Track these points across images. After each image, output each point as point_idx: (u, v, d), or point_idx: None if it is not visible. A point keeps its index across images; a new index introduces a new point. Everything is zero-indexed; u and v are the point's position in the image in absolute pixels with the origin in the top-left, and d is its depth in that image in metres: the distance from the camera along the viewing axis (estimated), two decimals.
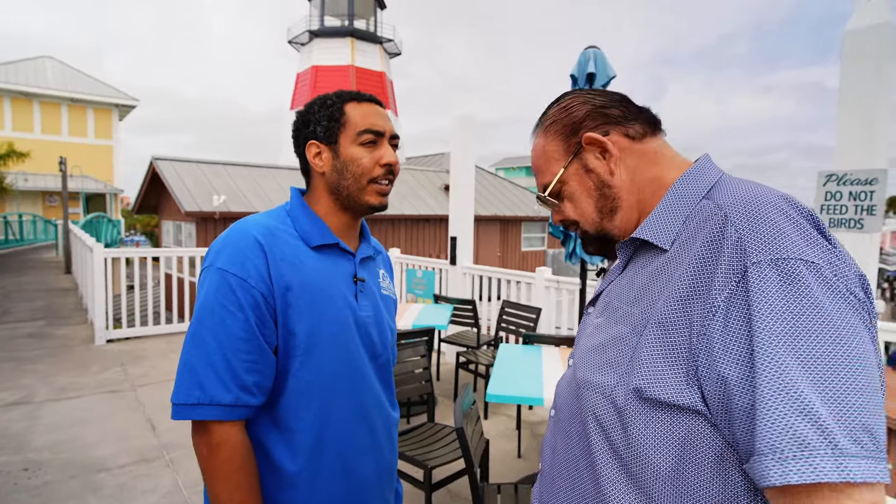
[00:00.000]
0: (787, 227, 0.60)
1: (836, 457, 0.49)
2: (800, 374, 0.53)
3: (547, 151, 0.84)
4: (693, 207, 0.71)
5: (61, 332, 6.16)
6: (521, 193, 20.85)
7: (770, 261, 0.58)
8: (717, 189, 0.71)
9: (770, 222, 0.60)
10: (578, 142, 0.80)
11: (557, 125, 0.83)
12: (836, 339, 0.54)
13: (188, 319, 6.06)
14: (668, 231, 0.71)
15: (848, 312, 0.55)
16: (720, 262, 0.61)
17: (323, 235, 1.05)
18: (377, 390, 1.10)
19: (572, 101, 0.83)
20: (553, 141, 0.83)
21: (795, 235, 0.59)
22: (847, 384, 0.52)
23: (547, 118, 0.85)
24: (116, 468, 2.95)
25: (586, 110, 0.81)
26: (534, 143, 0.88)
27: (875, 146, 2.68)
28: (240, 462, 0.93)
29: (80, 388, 4.20)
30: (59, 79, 24.62)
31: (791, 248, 0.58)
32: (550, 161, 0.83)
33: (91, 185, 24.02)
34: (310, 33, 26.01)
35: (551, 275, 4.60)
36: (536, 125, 0.88)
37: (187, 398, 0.90)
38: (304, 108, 1.10)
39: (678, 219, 0.72)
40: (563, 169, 0.82)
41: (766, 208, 0.62)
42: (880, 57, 2.64)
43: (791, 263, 0.57)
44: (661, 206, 0.74)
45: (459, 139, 5.46)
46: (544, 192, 0.85)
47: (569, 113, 0.82)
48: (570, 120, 0.81)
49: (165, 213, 16.55)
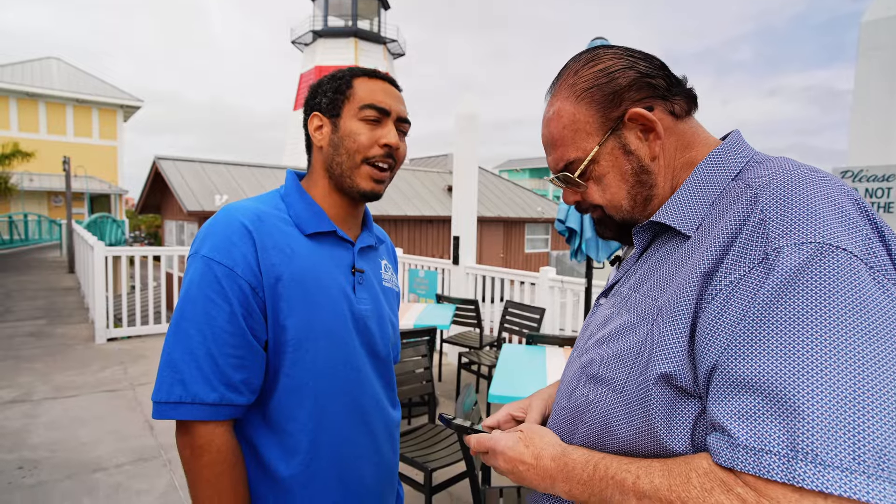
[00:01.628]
0: (824, 208, 0.52)
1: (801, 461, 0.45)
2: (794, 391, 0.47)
3: (577, 121, 0.70)
4: (721, 189, 0.63)
5: (62, 330, 6.13)
6: (524, 195, 20.78)
7: (794, 244, 0.51)
8: (750, 168, 0.63)
9: (803, 203, 0.53)
10: (620, 116, 0.67)
11: (595, 92, 0.69)
12: (858, 349, 0.46)
13: None
14: (692, 215, 0.64)
15: (884, 307, 0.48)
16: (735, 244, 0.55)
17: (319, 222, 0.97)
18: (376, 389, 1.03)
19: (613, 62, 0.69)
20: (587, 110, 0.69)
21: (831, 218, 0.52)
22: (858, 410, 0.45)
23: (581, 79, 0.70)
24: (113, 468, 2.90)
25: (631, 78, 0.68)
26: (555, 106, 0.72)
27: (892, 141, 2.61)
28: (225, 465, 0.86)
29: (79, 387, 4.16)
30: (64, 79, 24.73)
31: (822, 231, 0.51)
32: (580, 133, 0.70)
33: (95, 185, 24.10)
34: (313, 33, 26.08)
35: (555, 275, 4.53)
36: (558, 83, 0.73)
37: (168, 396, 0.83)
38: (317, 81, 1.03)
39: (704, 202, 0.64)
40: (597, 147, 0.69)
41: (803, 187, 0.55)
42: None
43: (818, 249, 0.50)
44: (686, 187, 0.66)
45: (462, 138, 5.41)
46: (571, 171, 0.72)
47: (611, 79, 0.68)
48: (611, 88, 0.68)
49: (168, 212, 16.56)
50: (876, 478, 0.43)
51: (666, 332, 0.58)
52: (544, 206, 20.44)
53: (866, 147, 2.73)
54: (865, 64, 2.69)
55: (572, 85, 0.71)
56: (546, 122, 0.75)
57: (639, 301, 0.65)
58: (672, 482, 0.52)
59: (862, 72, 2.71)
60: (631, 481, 0.56)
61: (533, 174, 42.44)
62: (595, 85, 0.69)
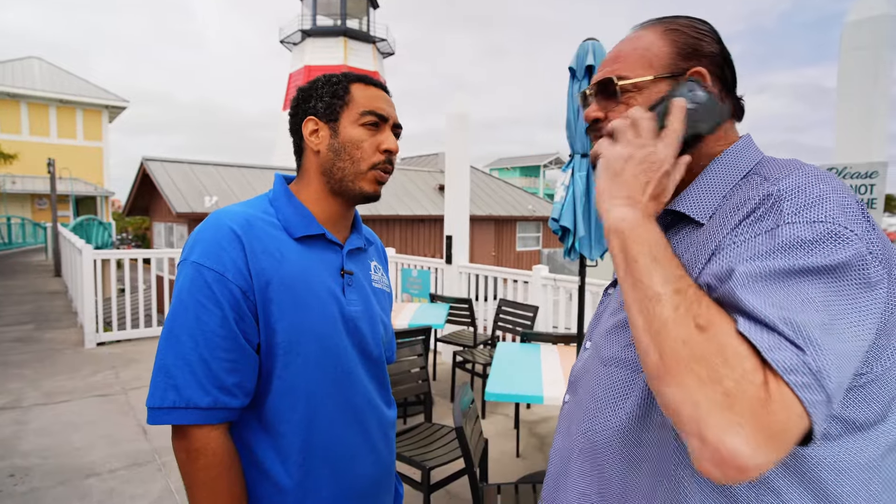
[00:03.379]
0: (835, 199, 0.56)
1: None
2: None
3: (650, 49, 0.72)
4: (735, 183, 0.67)
5: (50, 335, 6.05)
6: (515, 193, 20.85)
7: (806, 221, 0.55)
8: (764, 165, 0.67)
9: (817, 192, 0.57)
10: (687, 68, 0.70)
11: (681, 36, 0.72)
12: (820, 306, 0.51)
13: None
14: (706, 205, 0.67)
15: (861, 291, 0.53)
16: (748, 219, 0.59)
17: (307, 226, 0.98)
18: (369, 389, 1.04)
19: (707, 30, 0.73)
20: (665, 45, 0.72)
21: (840, 208, 0.56)
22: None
23: (675, 23, 0.73)
24: (106, 473, 2.88)
25: (714, 51, 0.72)
26: (638, 32, 0.75)
27: (874, 139, 2.66)
28: (221, 468, 0.87)
29: (70, 392, 4.12)
30: (47, 80, 24.35)
31: (834, 216, 0.55)
32: (645, 59, 0.72)
33: (81, 187, 23.78)
34: (302, 33, 25.94)
35: (548, 273, 4.56)
36: (653, 21, 0.76)
37: (162, 401, 0.84)
38: (308, 84, 1.03)
39: (719, 193, 0.67)
40: (652, 77, 0.70)
41: (817, 180, 0.59)
42: (879, 49, 2.63)
43: (830, 228, 0.54)
44: (701, 179, 0.70)
45: (453, 138, 5.42)
46: (614, 83, 0.72)
47: (699, 36, 0.72)
48: (695, 44, 0.71)
49: (157, 214, 16.41)
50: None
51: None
52: (535, 205, 20.53)
53: (850, 144, 2.78)
54: (848, 63, 2.75)
55: (665, 23, 0.74)
56: (621, 41, 0.77)
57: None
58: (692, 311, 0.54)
59: (845, 71, 2.77)
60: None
61: (523, 172, 42.56)
62: (684, 31, 0.72)
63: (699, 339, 0.50)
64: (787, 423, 0.47)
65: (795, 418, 0.48)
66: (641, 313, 0.55)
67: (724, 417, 0.47)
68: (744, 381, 0.48)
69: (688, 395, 0.49)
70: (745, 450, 0.47)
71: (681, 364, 0.50)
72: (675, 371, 0.51)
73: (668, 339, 0.52)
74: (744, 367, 0.49)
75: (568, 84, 2.56)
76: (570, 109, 2.54)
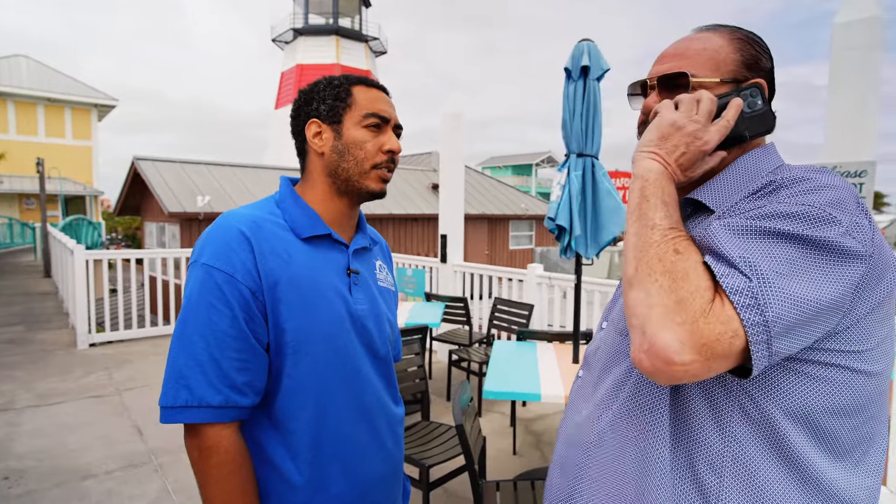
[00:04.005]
0: (830, 192, 0.61)
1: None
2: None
3: (719, 53, 0.76)
4: (756, 182, 0.72)
5: (41, 336, 6.00)
6: (508, 192, 20.89)
7: (795, 203, 0.61)
8: (783, 168, 0.72)
9: (816, 184, 0.63)
10: (748, 77, 0.76)
11: (749, 47, 0.77)
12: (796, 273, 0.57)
13: (174, 321, 5.95)
14: (726, 197, 0.73)
15: (835, 266, 0.58)
16: (745, 200, 0.67)
17: (314, 226, 1.00)
18: (377, 387, 1.06)
19: (766, 48, 0.79)
20: (734, 52, 0.77)
21: (833, 199, 0.60)
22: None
23: (743, 33, 0.78)
24: (103, 474, 2.87)
25: (769, 68, 0.78)
26: (707, 35, 0.79)
27: (864, 138, 2.71)
28: (233, 465, 0.89)
29: (63, 394, 4.09)
30: (34, 78, 24.03)
31: (823, 204, 0.60)
32: (712, 62, 0.76)
33: (70, 186, 23.51)
34: (294, 31, 25.80)
35: (543, 271, 4.59)
36: (717, 26, 0.80)
37: (175, 401, 0.86)
38: (309, 87, 1.05)
39: (737, 188, 0.73)
40: (717, 80, 0.76)
41: (821, 176, 0.64)
42: (868, 50, 2.68)
43: (815, 211, 0.59)
44: (725, 174, 0.75)
45: (448, 137, 5.43)
46: (679, 81, 0.77)
47: (760, 52, 0.77)
48: (757, 56, 0.77)
49: (148, 214, 16.26)
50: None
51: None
52: (528, 203, 20.58)
53: (840, 143, 2.83)
54: (838, 64, 2.79)
55: (733, 31, 0.79)
56: (688, 38, 0.80)
57: None
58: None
59: (835, 71, 2.81)
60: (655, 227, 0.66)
61: (516, 171, 42.63)
62: (752, 43, 0.78)
63: (672, 259, 0.60)
64: (721, 336, 0.55)
65: (731, 333, 0.55)
66: (637, 235, 0.66)
67: (667, 318, 0.56)
68: (695, 293, 0.57)
69: (647, 298, 0.59)
70: (675, 345, 0.55)
71: (652, 274, 0.60)
72: (644, 278, 0.61)
73: (648, 253, 0.62)
74: (698, 284, 0.58)
75: (564, 84, 2.57)
76: (566, 109, 2.56)
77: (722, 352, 0.55)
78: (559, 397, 2.30)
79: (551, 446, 3.43)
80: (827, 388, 0.61)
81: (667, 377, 0.57)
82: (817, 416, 0.62)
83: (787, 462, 0.62)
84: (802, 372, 0.61)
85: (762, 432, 0.63)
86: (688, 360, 0.55)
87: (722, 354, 0.55)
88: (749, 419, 0.63)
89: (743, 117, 0.73)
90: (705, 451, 0.65)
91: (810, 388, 0.61)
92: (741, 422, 0.63)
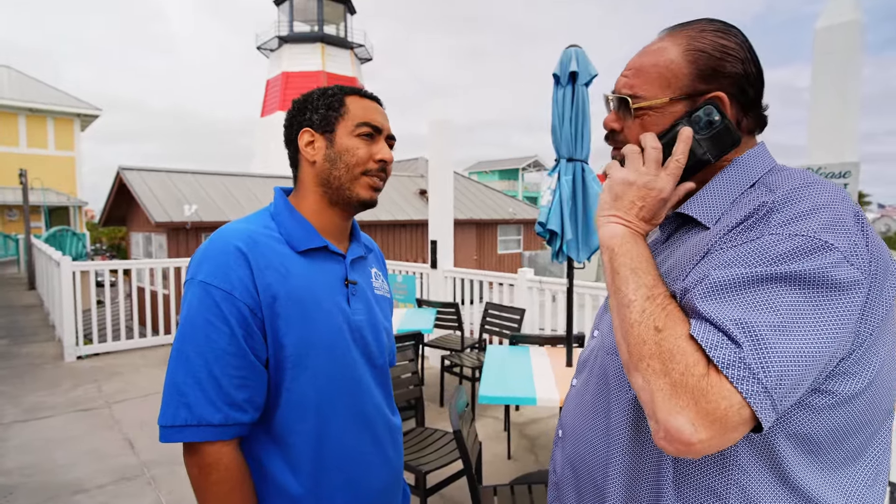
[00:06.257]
0: (826, 213, 0.59)
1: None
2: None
3: (670, 68, 0.72)
4: (743, 190, 0.70)
5: (27, 350, 5.89)
6: (495, 197, 20.96)
7: (787, 234, 0.58)
8: (772, 174, 0.70)
9: (810, 204, 0.60)
10: (705, 91, 0.70)
11: (703, 58, 0.71)
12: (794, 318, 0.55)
13: (163, 332, 5.88)
14: (713, 209, 0.71)
15: (835, 303, 0.56)
16: (739, 226, 0.64)
17: (310, 239, 1.00)
18: (377, 396, 1.06)
19: (735, 48, 0.71)
20: (685, 66, 0.71)
21: (829, 220, 0.58)
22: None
23: (701, 39, 0.72)
24: (94, 489, 2.83)
25: (737, 71, 0.70)
26: (664, 44, 0.74)
27: (847, 140, 2.77)
28: (233, 483, 0.88)
29: (51, 408, 4.02)
30: (15, 88, 23.69)
31: (816, 229, 0.58)
32: (663, 79, 0.72)
33: (53, 197, 23.15)
34: (279, 39, 25.70)
35: (533, 275, 4.61)
36: (682, 28, 0.75)
37: (174, 420, 0.85)
38: (302, 97, 1.06)
39: (726, 199, 0.71)
40: (667, 99, 0.72)
41: (814, 192, 0.62)
42: (849, 53, 2.74)
43: (810, 240, 0.57)
44: (711, 185, 0.73)
45: (436, 144, 5.46)
46: (630, 101, 0.74)
47: (723, 57, 0.70)
48: (717, 64, 0.70)
49: (134, 224, 16.06)
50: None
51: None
52: (515, 208, 20.66)
53: (823, 146, 2.89)
54: (820, 67, 2.86)
55: (691, 38, 0.73)
56: (645, 50, 0.76)
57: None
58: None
59: (817, 75, 2.88)
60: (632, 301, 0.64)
61: (502, 176, 42.79)
62: (708, 52, 0.71)
63: (655, 339, 0.59)
64: (728, 410, 0.54)
65: (736, 405, 0.54)
66: (618, 315, 0.65)
67: (670, 403, 0.56)
68: (686, 374, 0.56)
69: (646, 384, 0.58)
70: (688, 428, 0.54)
71: (642, 359, 0.59)
72: (637, 364, 0.60)
73: (632, 336, 0.61)
74: (686, 362, 0.56)
75: (553, 90, 2.61)
76: (555, 115, 2.59)
77: (735, 423, 0.54)
78: (554, 401, 2.32)
79: (546, 450, 3.44)
80: (828, 413, 0.61)
81: (693, 455, 0.56)
82: (817, 436, 0.62)
83: (786, 482, 0.62)
84: (805, 401, 0.61)
85: (764, 456, 0.62)
86: (706, 438, 0.54)
87: (736, 424, 0.54)
88: (752, 443, 0.63)
89: (699, 143, 0.69)
90: (708, 477, 0.65)
91: (813, 413, 0.61)
92: (744, 446, 0.63)
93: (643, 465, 0.70)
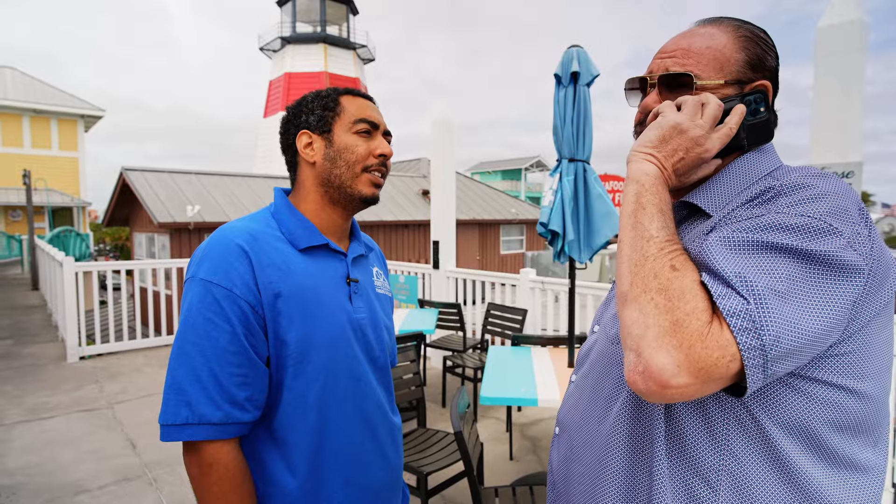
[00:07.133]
0: (830, 199, 0.59)
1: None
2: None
3: (723, 52, 0.73)
4: (750, 183, 0.70)
5: (30, 350, 5.91)
6: (498, 197, 20.95)
7: (794, 214, 0.59)
8: (781, 170, 0.70)
9: (815, 191, 0.60)
10: (751, 79, 0.73)
11: (754, 46, 0.73)
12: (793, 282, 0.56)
13: (165, 333, 5.90)
14: (721, 200, 0.71)
15: (832, 282, 0.56)
16: (744, 206, 0.64)
17: (311, 237, 1.00)
18: (378, 395, 1.06)
19: (772, 44, 0.75)
20: (738, 51, 0.73)
21: (833, 207, 0.59)
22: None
23: (749, 30, 0.74)
24: (96, 489, 2.83)
25: (773, 67, 0.74)
26: (712, 30, 0.75)
27: (850, 140, 2.76)
28: (233, 482, 0.88)
29: (54, 408, 4.03)
30: (19, 89, 23.79)
31: (822, 214, 0.58)
32: (716, 62, 0.73)
33: (57, 198, 23.23)
34: (282, 40, 25.74)
35: (536, 276, 4.61)
36: (723, 20, 0.76)
37: (175, 418, 0.85)
38: (296, 102, 1.06)
39: (733, 191, 0.71)
40: (721, 81, 0.72)
41: (822, 183, 0.62)
42: (851, 53, 2.73)
43: (813, 221, 0.57)
44: (719, 177, 0.73)
45: (439, 144, 5.45)
46: (681, 81, 0.73)
47: (766, 49, 0.74)
48: (763, 55, 0.73)
49: (137, 224, 16.10)
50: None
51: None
52: (518, 208, 20.64)
53: (826, 146, 2.88)
54: (823, 67, 2.85)
55: (739, 27, 0.75)
56: (690, 33, 0.76)
57: None
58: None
59: (820, 75, 2.87)
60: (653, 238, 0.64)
61: (505, 176, 42.77)
62: (757, 41, 0.74)
63: (669, 276, 0.59)
64: (718, 360, 0.54)
65: (728, 357, 0.54)
66: (632, 246, 0.63)
67: (664, 339, 0.55)
68: (692, 315, 0.55)
69: (642, 318, 0.58)
70: (671, 369, 0.54)
71: (648, 291, 0.59)
72: (638, 296, 0.59)
73: (644, 268, 0.60)
74: (696, 305, 0.56)
75: (554, 90, 2.60)
76: (557, 115, 2.59)
77: (718, 375, 0.54)
78: (556, 401, 2.31)
79: (548, 451, 3.43)
80: (823, 404, 0.61)
81: (659, 398, 0.56)
82: (813, 428, 0.61)
83: (782, 473, 0.61)
84: (798, 388, 0.60)
85: (757, 444, 0.62)
86: (683, 384, 0.54)
87: (718, 378, 0.55)
88: (744, 431, 0.62)
89: (744, 125, 0.70)
90: (700, 465, 0.64)
91: (806, 403, 0.60)
92: (736, 434, 0.62)
93: (641, 452, 0.70)
